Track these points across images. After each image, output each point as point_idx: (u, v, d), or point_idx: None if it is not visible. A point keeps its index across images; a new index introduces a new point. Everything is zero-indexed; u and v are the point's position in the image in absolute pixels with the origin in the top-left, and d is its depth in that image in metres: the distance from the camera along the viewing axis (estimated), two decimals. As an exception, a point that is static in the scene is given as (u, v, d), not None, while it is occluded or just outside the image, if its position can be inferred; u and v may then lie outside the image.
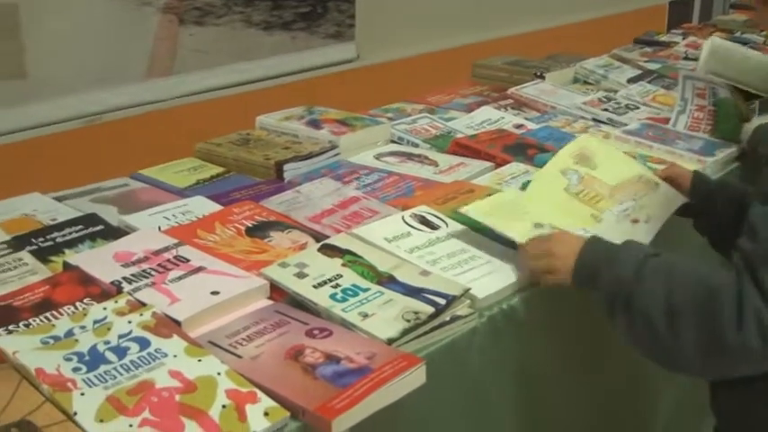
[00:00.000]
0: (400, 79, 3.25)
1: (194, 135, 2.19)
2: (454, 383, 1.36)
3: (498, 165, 1.93)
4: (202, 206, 1.63)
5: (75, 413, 1.02)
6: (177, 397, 1.06)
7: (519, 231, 1.47)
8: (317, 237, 1.50)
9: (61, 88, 2.87)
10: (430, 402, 1.27)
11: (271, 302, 1.31)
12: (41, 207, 1.66)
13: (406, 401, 1.16)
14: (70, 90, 2.89)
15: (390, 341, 1.23)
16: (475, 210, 1.53)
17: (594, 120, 2.33)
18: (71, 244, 1.47)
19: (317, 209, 1.61)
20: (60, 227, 1.53)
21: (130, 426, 1.01)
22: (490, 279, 1.44)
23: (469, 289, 1.37)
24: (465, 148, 2.01)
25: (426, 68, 3.53)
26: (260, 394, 1.08)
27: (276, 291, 1.34)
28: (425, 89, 2.60)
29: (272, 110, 2.18)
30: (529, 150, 2.01)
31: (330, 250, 1.42)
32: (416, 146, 2.05)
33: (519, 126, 2.24)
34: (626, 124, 2.26)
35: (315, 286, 1.32)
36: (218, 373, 1.10)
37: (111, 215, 1.61)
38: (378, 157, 1.95)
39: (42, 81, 2.82)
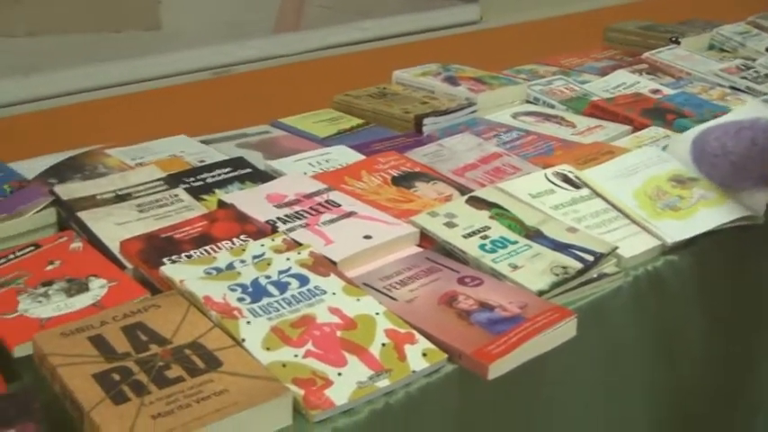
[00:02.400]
0: (522, 43, 3.21)
1: (318, 89, 2.21)
2: (595, 341, 1.34)
3: (636, 128, 1.89)
4: (345, 155, 1.65)
5: (244, 340, 1.04)
6: (338, 333, 1.08)
7: None
8: (462, 189, 1.51)
9: (193, 40, 2.93)
10: (571, 357, 1.26)
11: (420, 249, 1.32)
12: (188, 149, 1.71)
13: (550, 354, 1.16)
14: (201, 42, 2.95)
15: (540, 293, 1.22)
16: None
17: (732, 87, 2.26)
18: (221, 184, 1.51)
19: (459, 162, 1.61)
20: (210, 168, 1.57)
21: (295, 356, 1.03)
22: (635, 240, 1.42)
23: (617, 248, 1.36)
24: (602, 111, 1.98)
25: (547, 32, 3.47)
26: (417, 335, 1.10)
27: (424, 239, 1.35)
28: (547, 53, 2.55)
29: (393, 68, 2.19)
30: (667, 115, 1.96)
31: (477, 202, 1.42)
32: (552, 107, 2.02)
33: (655, 91, 2.18)
34: (765, 93, 2.19)
35: (464, 236, 1.33)
36: (377, 313, 1.12)
37: (256, 159, 1.64)
38: (515, 116, 1.94)
39: (175, 33, 2.89)
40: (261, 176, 1.55)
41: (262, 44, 3.04)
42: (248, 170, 1.57)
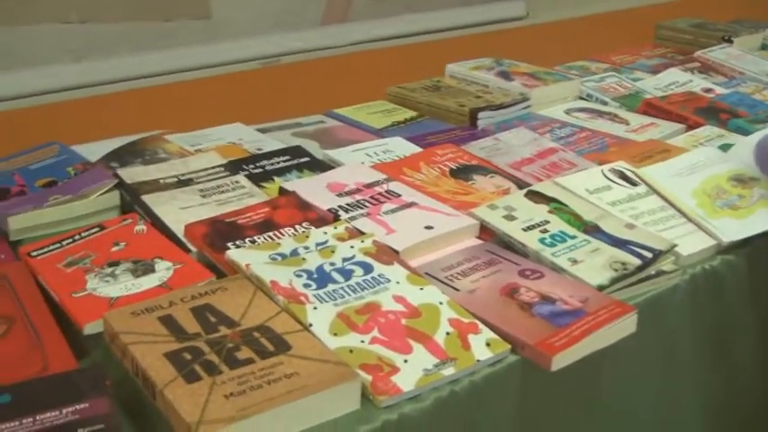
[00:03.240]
0: (568, 39, 3.20)
1: (365, 81, 2.22)
2: (651, 337, 1.34)
3: (690, 127, 1.88)
4: (401, 146, 1.66)
5: (311, 325, 1.06)
6: (403, 320, 1.09)
7: None
8: (519, 183, 1.51)
9: (241, 30, 2.95)
10: (627, 352, 1.26)
11: (480, 241, 1.33)
12: (246, 137, 1.73)
13: (607, 348, 1.16)
14: (250, 32, 2.97)
15: (600, 288, 1.23)
16: None
17: (786, 89, 2.24)
18: (279, 172, 1.53)
19: (516, 156, 1.62)
20: (268, 156, 1.59)
21: (362, 342, 1.04)
22: (692, 238, 1.41)
23: (676, 245, 1.35)
24: (656, 109, 1.97)
25: (592, 29, 3.47)
26: (481, 326, 1.10)
27: (483, 231, 1.35)
28: (591, 50, 2.54)
29: (437, 62, 2.19)
30: (721, 115, 1.95)
31: (536, 196, 1.42)
32: (605, 104, 2.02)
33: (707, 90, 2.17)
34: (819, 97, 2.16)
35: (524, 229, 1.33)
36: (440, 303, 1.13)
37: (312, 149, 1.65)
38: (568, 112, 1.94)
39: (224, 22, 2.91)
40: (318, 165, 1.56)
41: (309, 35, 3.06)
42: (306, 159, 1.58)
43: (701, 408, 1.47)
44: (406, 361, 1.02)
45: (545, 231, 1.34)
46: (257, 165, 1.55)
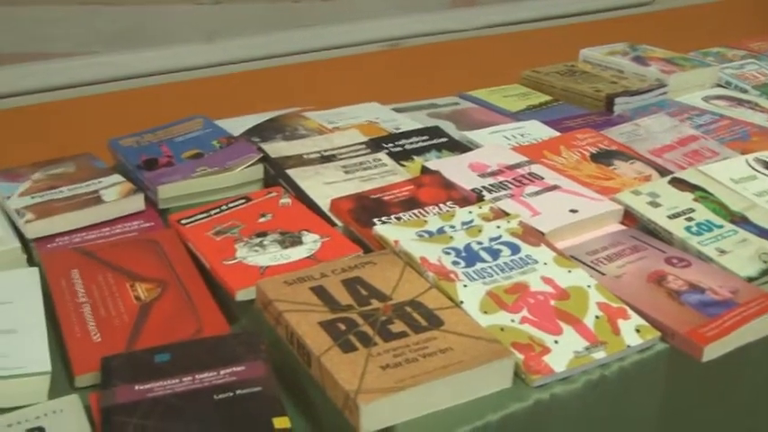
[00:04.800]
0: (694, 25, 3.13)
1: (491, 65, 2.21)
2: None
3: (837, 118, 1.82)
4: (539, 130, 1.65)
5: (462, 302, 1.07)
6: (552, 302, 1.09)
7: None
8: (660, 170, 1.49)
9: (368, 12, 2.97)
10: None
11: (623, 227, 1.31)
12: (382, 116, 1.75)
13: (754, 342, 1.13)
14: (374, 14, 2.99)
15: (749, 279, 1.20)
16: None
17: None
18: (419, 151, 1.54)
19: (657, 143, 1.59)
20: (407, 135, 1.60)
21: (512, 320, 1.04)
22: (843, 233, 1.36)
23: (828, 239, 1.31)
24: (799, 99, 1.90)
25: (720, 14, 3.37)
26: (630, 311, 1.09)
27: (626, 217, 1.34)
28: (719, 37, 2.47)
29: (564, 47, 2.16)
30: None
31: (680, 184, 1.40)
32: (745, 92, 1.96)
33: None
34: None
35: (669, 217, 1.31)
36: (588, 286, 1.12)
37: (448, 129, 1.66)
38: (706, 99, 1.89)
39: (351, 3, 2.94)
40: (457, 146, 1.57)
41: (436, 18, 3.06)
42: (444, 139, 1.59)
43: None
44: (556, 342, 1.02)
45: (690, 219, 1.31)
46: (396, 143, 1.56)
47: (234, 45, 2.72)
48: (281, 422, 0.91)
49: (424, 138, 1.59)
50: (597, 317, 1.07)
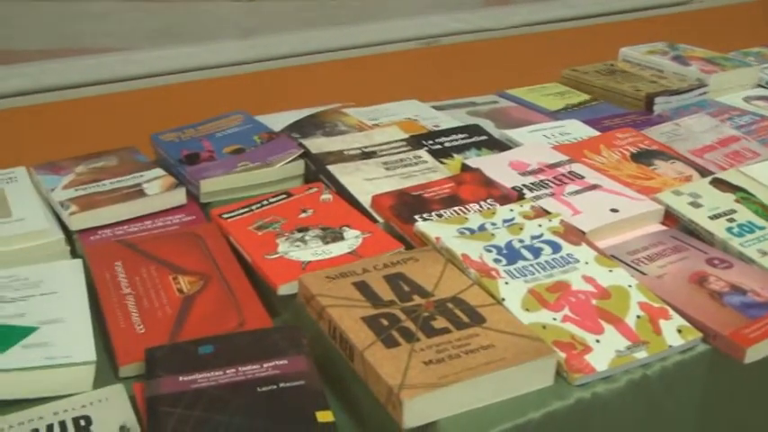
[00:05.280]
0: (733, 24, 3.10)
1: (530, 64, 2.20)
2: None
3: None
4: (578, 129, 1.65)
5: (503, 299, 1.07)
6: (593, 301, 1.09)
7: None
8: (701, 171, 1.48)
9: (403, 10, 2.98)
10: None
11: (664, 227, 1.31)
12: (422, 113, 1.75)
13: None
14: (411, 12, 3.00)
15: (792, 282, 1.19)
16: None
17: None
18: (459, 149, 1.54)
19: (697, 143, 1.58)
20: (447, 133, 1.61)
21: (554, 319, 1.05)
22: None
23: None
24: (841, 102, 1.89)
25: (759, 15, 3.34)
26: (671, 312, 1.09)
27: (667, 217, 1.33)
28: (759, 38, 2.45)
29: (603, 46, 2.16)
30: None
31: (722, 185, 1.39)
32: (787, 93, 1.95)
33: None
34: None
35: (710, 217, 1.31)
36: (629, 286, 1.12)
37: (487, 128, 1.66)
38: (747, 99, 1.88)
39: (386, 2, 2.95)
40: (497, 144, 1.57)
41: (471, 17, 3.06)
42: (484, 137, 1.59)
43: None
44: (598, 341, 1.02)
45: (732, 221, 1.31)
46: (436, 141, 1.57)
47: (270, 42, 2.74)
48: (324, 416, 0.92)
49: (464, 135, 1.59)
50: (639, 316, 1.07)
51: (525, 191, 1.35)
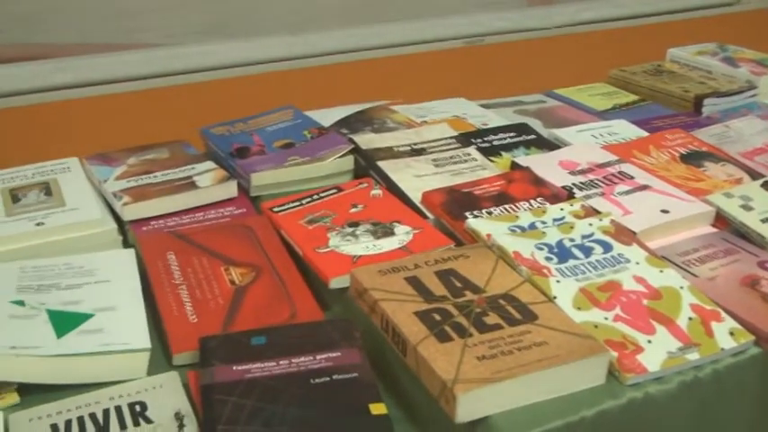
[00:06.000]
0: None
1: (576, 64, 2.20)
2: None
3: None
4: (627, 129, 1.65)
5: (555, 297, 1.07)
6: (644, 301, 1.08)
7: None
8: (751, 173, 1.47)
9: (447, 8, 2.98)
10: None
11: (715, 229, 1.30)
12: (470, 111, 1.75)
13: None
14: (456, 10, 3.00)
15: (838, 288, 1.18)
16: None
17: None
18: (507, 148, 1.55)
19: (747, 146, 1.57)
20: (495, 131, 1.61)
21: (605, 318, 1.05)
22: None
23: None
24: None
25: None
26: (723, 314, 1.08)
27: (717, 219, 1.33)
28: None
29: (646, 47, 2.15)
30: None
31: (773, 187, 1.38)
32: (836, 96, 1.93)
33: None
34: None
35: (762, 220, 1.30)
36: (681, 287, 1.12)
37: (536, 127, 1.66)
38: (797, 103, 1.86)
39: (431, 1, 2.96)
40: (545, 143, 1.57)
41: (515, 16, 3.06)
42: (532, 136, 1.60)
43: None
44: (649, 342, 1.02)
45: (784, 224, 1.30)
46: (485, 139, 1.57)
47: (318, 38, 2.75)
48: (377, 408, 0.93)
49: (512, 134, 1.59)
50: (690, 318, 1.07)
51: (575, 190, 1.35)
